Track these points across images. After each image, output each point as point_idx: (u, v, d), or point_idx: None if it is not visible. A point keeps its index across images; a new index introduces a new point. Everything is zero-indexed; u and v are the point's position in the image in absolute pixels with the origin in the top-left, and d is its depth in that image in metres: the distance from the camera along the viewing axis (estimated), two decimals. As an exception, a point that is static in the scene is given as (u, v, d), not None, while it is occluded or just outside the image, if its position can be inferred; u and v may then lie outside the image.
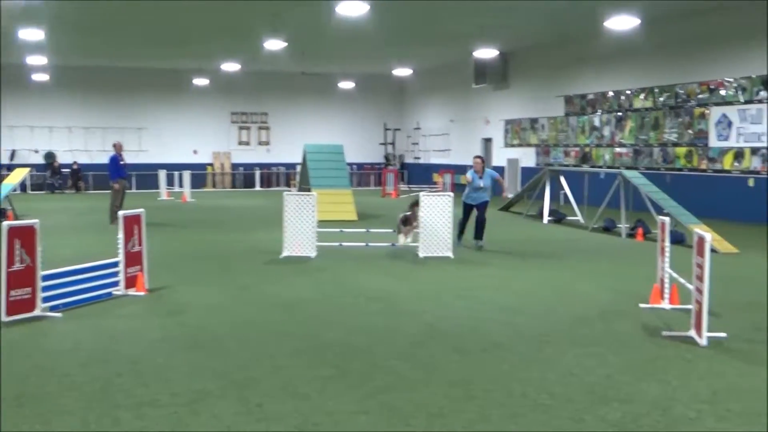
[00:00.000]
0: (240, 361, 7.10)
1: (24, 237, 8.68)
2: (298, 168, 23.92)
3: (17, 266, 8.58)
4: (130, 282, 10.30)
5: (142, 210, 10.75)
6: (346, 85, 37.70)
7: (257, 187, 38.79)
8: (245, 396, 6.05)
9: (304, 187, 22.40)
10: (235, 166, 39.84)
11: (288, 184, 37.67)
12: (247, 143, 40.19)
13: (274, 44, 24.49)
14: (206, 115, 39.03)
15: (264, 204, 26.89)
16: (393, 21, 23.18)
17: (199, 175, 37.38)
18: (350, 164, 32.10)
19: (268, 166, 39.99)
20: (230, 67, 32.57)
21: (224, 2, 20.42)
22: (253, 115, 40.18)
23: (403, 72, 34.96)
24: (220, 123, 39.55)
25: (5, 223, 8.62)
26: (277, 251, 14.00)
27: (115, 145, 20.57)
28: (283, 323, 8.70)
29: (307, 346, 7.66)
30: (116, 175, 19.76)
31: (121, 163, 19.99)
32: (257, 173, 39.24)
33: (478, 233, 15.39)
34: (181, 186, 31.64)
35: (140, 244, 10.54)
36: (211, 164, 39.33)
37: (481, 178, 15.49)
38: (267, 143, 40.25)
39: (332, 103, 40.36)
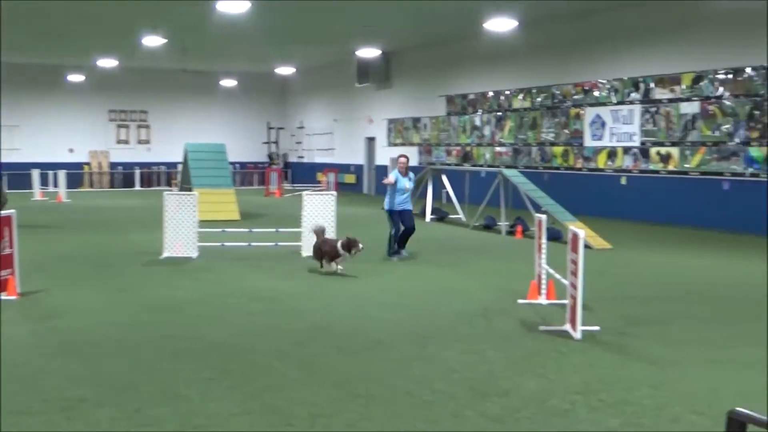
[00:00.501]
0: (118, 365, 6.91)
1: None
2: (180, 167, 23.47)
3: None
4: (1, 286, 9.88)
5: (13, 211, 10.34)
6: (229, 83, 37.22)
7: (137, 187, 37.85)
8: (123, 401, 5.89)
9: (186, 186, 22.00)
10: (113, 165, 38.75)
11: (169, 184, 36.90)
12: (126, 142, 39.16)
13: (152, 40, 23.95)
14: (82, 112, 37.81)
15: (144, 204, 26.28)
16: (275, 19, 23.02)
17: (76, 174, 36.20)
18: (233, 163, 31.68)
19: (149, 165, 39.09)
20: (107, 63, 31.66)
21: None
22: (132, 113, 39.18)
23: (286, 70, 34.80)
24: (97, 121, 38.40)
25: None
26: (158, 252, 13.71)
27: None
28: (163, 325, 8.52)
29: (188, 348, 7.53)
30: None
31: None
32: (137, 172, 38.30)
33: (403, 243, 13.95)
34: (56, 186, 30.56)
35: (11, 247, 10.12)
36: (87, 163, 38.16)
37: (407, 178, 13.96)
38: (147, 142, 39.34)
39: (214, 101, 39.77)
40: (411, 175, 14.21)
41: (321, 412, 5.71)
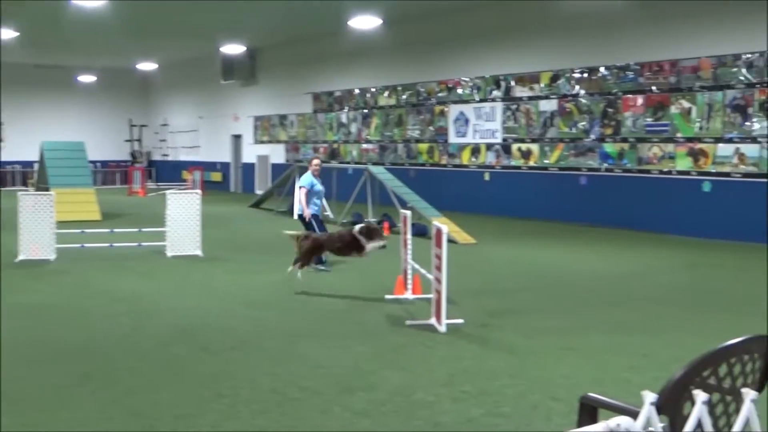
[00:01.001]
0: (-32, 374, 6.58)
1: None
2: (36, 166, 22.56)
3: None
4: None
5: None
6: (87, 78, 35.99)
7: (-10, 187, 36.12)
8: (-27, 412, 5.61)
9: (42, 186, 21.17)
10: (-37, 164, 36.84)
11: (25, 184, 35.37)
12: (-23, 140, 37.28)
13: (3, 33, 22.88)
14: (-72, 109, 35.77)
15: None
16: (134, 13, 22.36)
17: None
18: (93, 162, 30.66)
19: (2, 164, 37.33)
20: (-45, 57, 30.06)
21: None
22: (-18, 109, 37.33)
23: (148, 66, 33.94)
24: (-55, 118, 36.41)
25: None
26: (12, 254, 13.13)
27: None
28: (19, 331, 8.15)
29: (46, 354, 7.24)
30: None
31: None
32: (-11, 172, 36.55)
33: None
34: None
35: None
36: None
37: (319, 180, 13.17)
38: (2, 141, 37.55)
39: (72, 97, 38.34)
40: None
41: (185, 413, 5.60)
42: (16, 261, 12.86)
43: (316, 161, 13.48)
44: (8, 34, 22.90)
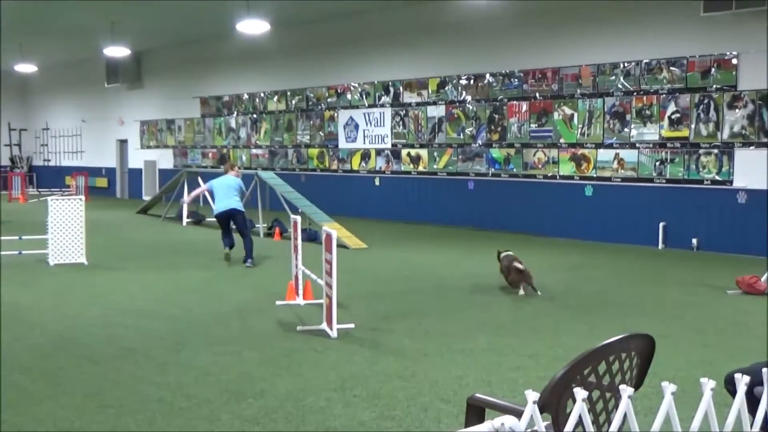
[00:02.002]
0: None
1: None
2: None
3: None
4: None
5: None
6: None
7: None
8: None
9: None
10: None
11: None
12: None
13: None
14: None
15: None
16: (10, 12, 21.55)
17: None
18: (-31, 167, 29.44)
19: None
20: None
21: None
22: None
23: (26, 68, 32.71)
24: None
25: None
26: None
27: None
28: None
29: None
30: None
31: None
32: None
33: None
34: None
35: None
36: None
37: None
38: None
39: (-54, 100, 36.74)
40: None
41: (68, 426, 5.43)
42: None
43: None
44: None
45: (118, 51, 26.49)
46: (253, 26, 19.74)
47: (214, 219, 13.98)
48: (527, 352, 7.48)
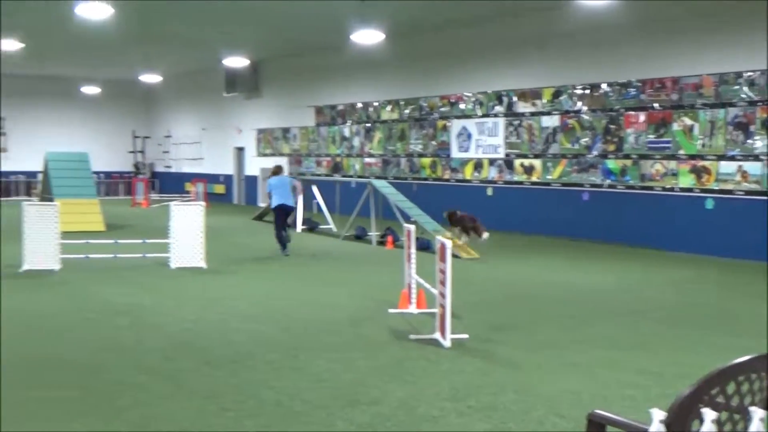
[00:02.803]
0: (-28, 385, 6.58)
1: None
2: (40, 177, 22.60)
3: None
4: None
5: None
6: (91, 90, 36.06)
7: (-7, 197, 36.14)
8: (-23, 422, 5.62)
9: (47, 196, 21.22)
10: (-35, 174, 36.90)
11: (29, 194, 35.42)
12: (-20, 150, 37.39)
13: (9, 44, 22.96)
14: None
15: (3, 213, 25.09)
16: (138, 25, 22.46)
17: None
18: (97, 173, 30.76)
19: (6, 174, 37.39)
20: (-40, 67, 30.14)
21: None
22: (-13, 119, 37.49)
23: (151, 78, 34.01)
24: (-51, 128, 36.49)
25: None
26: (17, 265, 13.15)
27: None
28: (21, 342, 8.16)
29: (48, 366, 7.25)
30: None
31: None
32: (-8, 182, 36.57)
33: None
34: None
35: None
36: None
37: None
38: (4, 150, 37.63)
39: (76, 108, 38.43)
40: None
41: (189, 427, 5.61)
42: (20, 271, 12.88)
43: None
44: (14, 45, 22.96)
45: (236, 61, 27.27)
46: (367, 36, 19.96)
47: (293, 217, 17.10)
48: (643, 367, 7.30)
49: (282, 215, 16.14)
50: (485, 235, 16.56)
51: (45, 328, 8.89)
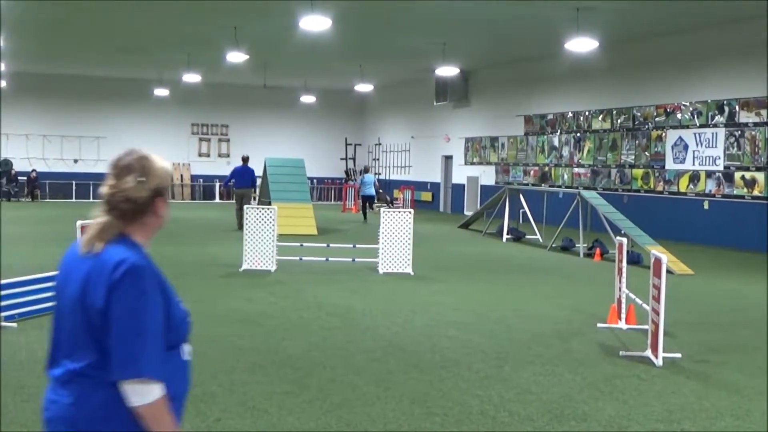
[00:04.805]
0: (196, 375, 6.99)
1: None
2: (259, 181, 23.83)
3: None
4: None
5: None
6: (308, 99, 37.65)
7: (217, 200, 38.52)
8: (203, 411, 6.00)
9: (264, 200, 22.33)
10: (194, 177, 39.55)
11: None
12: (207, 155, 39.95)
13: (235, 56, 24.41)
14: (166, 125, 38.69)
15: (223, 216, 26.67)
16: (355, 36, 23.27)
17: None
18: (311, 178, 31.97)
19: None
20: (191, 78, 32.30)
21: (186, 12, 20.33)
22: (213, 126, 40.01)
23: (364, 87, 35.03)
24: (180, 134, 39.26)
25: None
26: (236, 264, 13.94)
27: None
28: (240, 338, 8.64)
29: (265, 361, 7.63)
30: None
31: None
32: (217, 185, 38.94)
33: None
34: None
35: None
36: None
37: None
38: (227, 155, 40.02)
39: (293, 116, 40.29)
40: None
41: (397, 428, 5.72)
42: (240, 270, 13.64)
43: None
44: (240, 57, 24.36)
45: (447, 71, 27.55)
46: (581, 44, 19.61)
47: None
48: None
49: (368, 201, 26.63)
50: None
51: (261, 325, 9.35)
